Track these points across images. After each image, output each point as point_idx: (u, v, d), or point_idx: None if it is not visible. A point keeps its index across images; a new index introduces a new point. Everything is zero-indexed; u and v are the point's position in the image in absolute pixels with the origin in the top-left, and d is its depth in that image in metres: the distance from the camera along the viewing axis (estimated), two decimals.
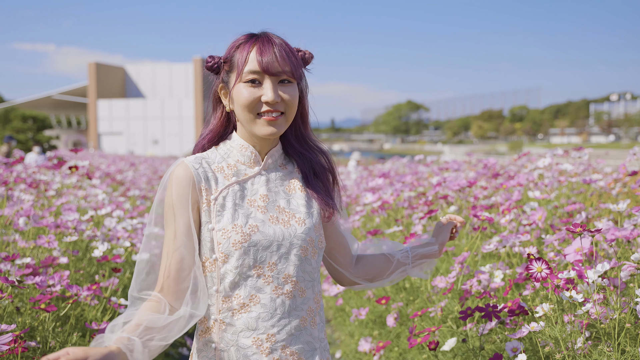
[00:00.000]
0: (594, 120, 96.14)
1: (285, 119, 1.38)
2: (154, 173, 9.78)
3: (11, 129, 24.30)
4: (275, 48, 1.34)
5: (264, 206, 1.37)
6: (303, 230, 1.37)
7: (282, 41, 1.37)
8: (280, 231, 1.35)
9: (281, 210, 1.38)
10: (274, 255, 1.34)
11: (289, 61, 1.35)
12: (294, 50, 1.39)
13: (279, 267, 1.34)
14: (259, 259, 1.32)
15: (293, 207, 1.40)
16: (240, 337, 1.33)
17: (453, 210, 3.47)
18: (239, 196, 1.36)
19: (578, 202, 3.40)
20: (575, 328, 1.81)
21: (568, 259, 2.02)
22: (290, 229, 1.36)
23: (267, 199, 1.38)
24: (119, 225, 3.16)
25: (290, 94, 1.36)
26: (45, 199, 3.74)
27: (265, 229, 1.33)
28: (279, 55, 1.34)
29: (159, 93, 56.00)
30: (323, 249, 1.44)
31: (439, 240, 1.67)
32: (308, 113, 1.48)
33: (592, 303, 1.80)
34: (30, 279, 2.23)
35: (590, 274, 1.85)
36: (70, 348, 1.13)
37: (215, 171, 1.39)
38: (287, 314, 1.34)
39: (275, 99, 1.33)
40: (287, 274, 1.35)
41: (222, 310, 1.34)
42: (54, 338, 2.22)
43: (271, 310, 1.33)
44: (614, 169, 5.97)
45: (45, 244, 2.63)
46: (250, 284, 1.32)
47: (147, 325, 1.25)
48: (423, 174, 6.22)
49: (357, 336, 3.28)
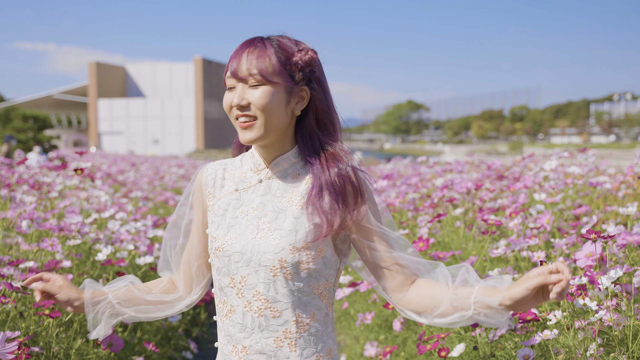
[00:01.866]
0: (594, 120, 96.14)
1: (261, 124, 1.29)
2: (155, 174, 9.75)
3: (12, 128, 24.28)
4: (246, 52, 1.29)
5: (252, 218, 1.32)
6: (273, 250, 1.26)
7: (267, 43, 1.30)
8: (255, 246, 1.29)
9: (265, 223, 1.30)
10: (245, 269, 1.29)
11: (257, 64, 1.27)
12: (280, 52, 1.30)
13: (248, 282, 1.29)
14: (231, 271, 1.31)
15: (279, 222, 1.29)
16: (225, 342, 1.36)
17: (459, 213, 3.44)
18: (234, 205, 1.36)
19: (584, 205, 3.37)
20: (588, 335, 1.78)
21: (579, 264, 2.00)
22: (263, 245, 1.28)
23: (258, 210, 1.33)
24: (122, 228, 3.14)
25: (257, 96, 1.28)
26: (48, 201, 3.71)
27: (241, 241, 1.30)
28: (249, 59, 1.28)
29: (159, 92, 56.01)
30: (313, 272, 1.29)
31: (513, 295, 1.15)
32: (326, 118, 1.35)
33: (605, 310, 1.77)
34: None
35: (603, 280, 1.83)
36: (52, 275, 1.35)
37: (227, 178, 1.40)
38: (258, 331, 1.30)
39: (238, 102, 1.28)
40: (257, 291, 1.29)
41: (218, 313, 1.38)
42: (57, 343, 2.19)
43: (243, 323, 1.31)
44: (617, 170, 5.95)
45: (49, 247, 2.60)
46: (228, 293, 1.33)
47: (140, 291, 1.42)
48: (426, 174, 6.19)
49: (362, 340, 3.25)
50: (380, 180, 5.14)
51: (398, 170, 8.30)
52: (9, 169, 4.73)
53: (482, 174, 4.98)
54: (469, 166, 6.07)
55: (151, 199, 6.36)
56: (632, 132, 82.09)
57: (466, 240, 3.23)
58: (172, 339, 3.49)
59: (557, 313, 1.81)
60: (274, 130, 1.31)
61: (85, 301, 1.35)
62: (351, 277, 3.23)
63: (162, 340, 3.36)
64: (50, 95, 59.28)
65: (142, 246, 3.17)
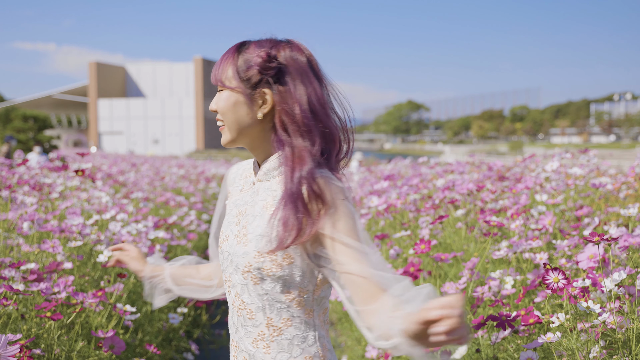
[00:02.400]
0: (594, 120, 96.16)
1: (227, 128, 1.33)
2: (155, 174, 9.75)
3: (12, 128, 24.27)
4: (220, 61, 1.32)
5: (239, 219, 1.35)
6: (242, 253, 1.28)
7: (234, 49, 1.31)
8: (233, 247, 1.31)
9: (244, 227, 1.31)
10: (229, 269, 1.34)
11: (220, 71, 1.32)
12: (239, 56, 1.30)
13: (232, 281, 1.34)
14: (224, 269, 1.37)
15: (253, 227, 1.29)
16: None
17: (460, 214, 3.44)
18: (237, 205, 1.39)
19: (586, 206, 3.36)
20: (591, 337, 1.78)
21: (581, 266, 1.99)
22: (238, 247, 1.30)
23: (245, 212, 1.34)
24: (124, 229, 3.13)
25: (217, 101, 1.33)
26: (49, 202, 3.71)
27: (228, 242, 1.35)
28: (219, 65, 1.32)
29: (159, 92, 56.01)
30: (279, 278, 1.26)
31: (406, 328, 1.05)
32: (291, 120, 1.27)
33: (608, 312, 1.77)
34: (35, 286, 2.20)
35: (607, 283, 1.82)
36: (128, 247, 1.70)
37: (241, 178, 1.46)
38: (241, 329, 1.35)
39: (211, 107, 1.33)
40: (237, 292, 1.33)
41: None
42: (59, 346, 2.18)
43: (232, 320, 1.39)
44: (617, 170, 5.94)
45: (50, 248, 2.59)
46: (226, 289, 1.39)
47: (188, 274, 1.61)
48: (427, 175, 6.19)
49: (364, 342, 3.24)
50: (382, 181, 5.14)
51: (399, 170, 8.29)
52: (9, 169, 4.73)
53: (483, 174, 4.97)
54: (469, 166, 6.07)
55: (152, 200, 6.35)
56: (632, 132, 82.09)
57: (468, 242, 3.23)
58: (174, 341, 3.49)
59: (560, 315, 1.80)
60: (244, 134, 1.33)
61: (145, 274, 1.62)
62: None
63: (163, 341, 3.36)
64: (50, 95, 59.27)
65: (143, 247, 3.16)
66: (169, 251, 4.39)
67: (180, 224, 5.13)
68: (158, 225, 4.18)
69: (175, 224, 5.00)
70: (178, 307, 3.63)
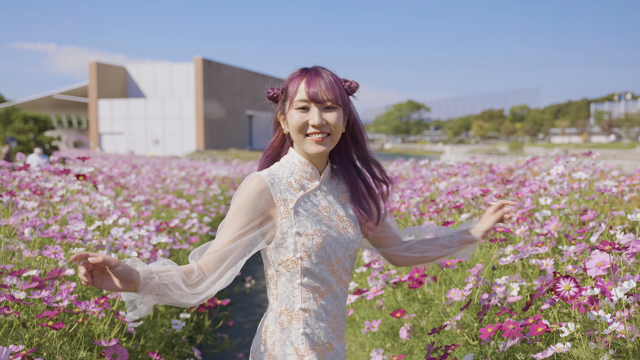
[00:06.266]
0: (594, 120, 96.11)
1: (331, 139, 1.63)
2: (156, 176, 9.72)
3: (12, 129, 24.23)
4: (321, 80, 1.61)
5: (330, 214, 1.66)
6: (355, 236, 1.68)
7: (329, 74, 1.64)
8: (343, 234, 1.65)
9: (341, 217, 1.67)
10: (340, 252, 1.64)
11: (332, 91, 1.61)
12: (339, 81, 1.65)
13: (342, 262, 1.65)
14: (330, 257, 1.62)
15: (348, 214, 1.69)
16: (313, 323, 1.62)
17: (465, 218, 3.41)
18: (310, 205, 1.64)
19: (590, 210, 3.34)
20: (600, 345, 1.75)
21: (589, 274, 1.96)
22: (349, 233, 1.67)
23: (328, 209, 1.67)
24: (126, 234, 3.10)
25: (333, 117, 1.61)
26: (50, 206, 3.68)
27: (332, 232, 1.63)
28: (324, 86, 1.60)
29: (159, 93, 55.96)
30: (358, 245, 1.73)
31: (483, 228, 1.88)
32: (359, 134, 1.72)
33: (618, 322, 1.74)
34: (37, 294, 2.17)
35: (617, 292, 1.80)
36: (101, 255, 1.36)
37: (287, 185, 1.64)
38: (343, 299, 1.69)
39: (320, 123, 1.59)
40: (345, 268, 1.68)
41: (305, 302, 1.61)
42: (61, 355, 2.16)
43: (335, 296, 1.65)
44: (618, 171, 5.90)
45: (52, 255, 2.57)
46: (325, 276, 1.61)
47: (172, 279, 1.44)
48: (428, 177, 6.16)
49: (368, 347, 3.22)
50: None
51: (400, 173, 8.26)
52: (10, 173, 4.70)
53: (486, 176, 4.94)
54: (470, 168, 6.04)
55: (153, 203, 6.33)
56: (632, 131, 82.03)
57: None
58: (176, 346, 3.46)
59: (570, 325, 1.77)
60: (336, 143, 1.66)
61: (141, 277, 1.38)
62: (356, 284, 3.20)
63: (165, 347, 3.33)
64: (51, 95, 59.17)
65: (146, 252, 3.13)
66: (171, 255, 4.36)
67: (182, 227, 5.10)
68: (160, 229, 4.15)
69: (177, 227, 4.97)
70: (181, 312, 3.60)
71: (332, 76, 1.63)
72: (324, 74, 1.63)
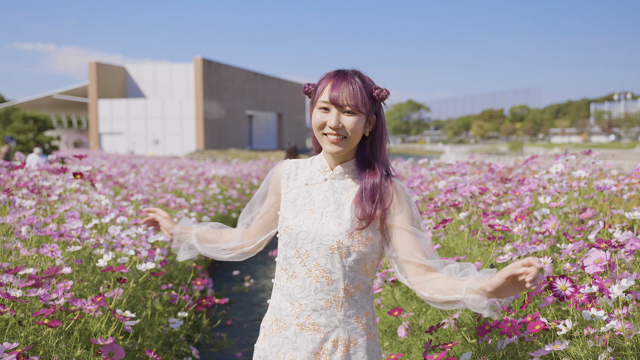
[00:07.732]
0: (594, 120, 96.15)
1: (347, 142, 1.69)
2: (155, 175, 9.71)
3: (12, 129, 24.22)
4: (346, 86, 1.66)
5: (317, 207, 1.71)
6: (333, 233, 1.65)
7: (357, 80, 1.67)
8: (318, 228, 1.67)
9: (328, 213, 1.69)
10: (309, 245, 1.67)
11: (354, 98, 1.65)
12: (367, 88, 1.68)
13: (311, 255, 1.67)
14: (297, 245, 1.69)
15: (338, 213, 1.68)
16: (282, 299, 1.74)
17: (463, 217, 3.41)
18: (303, 196, 1.75)
19: (589, 208, 3.33)
20: (598, 343, 1.75)
21: (587, 271, 1.96)
22: (326, 229, 1.66)
23: (322, 202, 1.71)
24: (123, 233, 3.09)
25: (351, 122, 1.66)
26: (48, 204, 3.67)
27: (307, 223, 1.68)
28: (347, 92, 1.65)
29: (159, 93, 55.94)
30: (362, 254, 1.67)
31: (489, 282, 1.41)
32: (379, 140, 1.75)
33: (616, 319, 1.74)
34: (33, 291, 2.16)
35: (615, 290, 1.79)
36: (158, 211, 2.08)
37: (299, 174, 1.82)
38: (313, 293, 1.68)
39: (336, 126, 1.66)
40: (317, 263, 1.67)
41: (279, 277, 1.76)
42: (57, 353, 2.15)
43: (302, 286, 1.69)
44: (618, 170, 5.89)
45: (49, 253, 2.56)
46: (292, 262, 1.71)
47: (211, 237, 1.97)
48: (427, 177, 6.15)
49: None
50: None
51: (399, 172, 8.26)
52: (8, 171, 4.69)
53: (485, 175, 4.93)
54: (470, 167, 6.03)
55: (152, 202, 6.32)
56: (632, 131, 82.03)
57: (471, 245, 3.19)
58: (174, 345, 3.45)
59: (568, 323, 1.77)
60: (353, 146, 1.71)
61: (174, 231, 1.99)
62: None
63: (163, 346, 3.32)
64: (51, 95, 59.12)
65: (143, 251, 3.12)
66: (169, 254, 4.35)
67: None
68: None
69: None
70: (178, 311, 3.59)
71: (361, 82, 1.68)
72: (353, 79, 1.67)
